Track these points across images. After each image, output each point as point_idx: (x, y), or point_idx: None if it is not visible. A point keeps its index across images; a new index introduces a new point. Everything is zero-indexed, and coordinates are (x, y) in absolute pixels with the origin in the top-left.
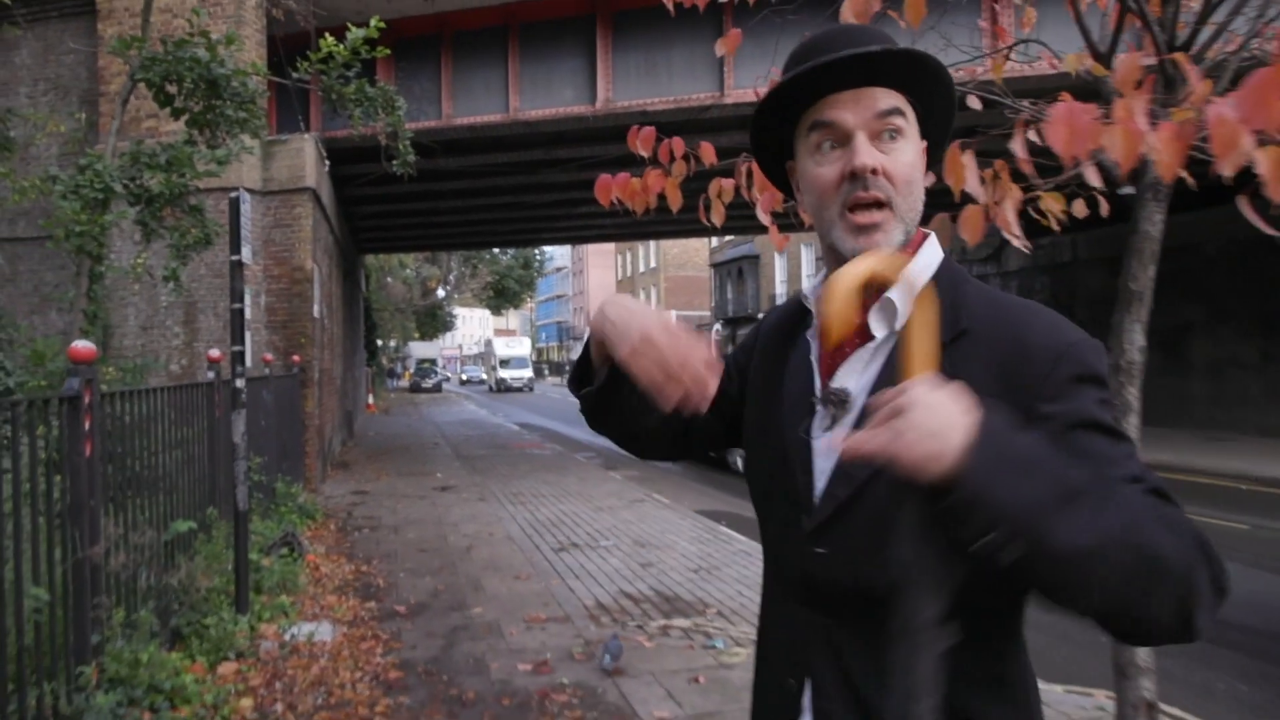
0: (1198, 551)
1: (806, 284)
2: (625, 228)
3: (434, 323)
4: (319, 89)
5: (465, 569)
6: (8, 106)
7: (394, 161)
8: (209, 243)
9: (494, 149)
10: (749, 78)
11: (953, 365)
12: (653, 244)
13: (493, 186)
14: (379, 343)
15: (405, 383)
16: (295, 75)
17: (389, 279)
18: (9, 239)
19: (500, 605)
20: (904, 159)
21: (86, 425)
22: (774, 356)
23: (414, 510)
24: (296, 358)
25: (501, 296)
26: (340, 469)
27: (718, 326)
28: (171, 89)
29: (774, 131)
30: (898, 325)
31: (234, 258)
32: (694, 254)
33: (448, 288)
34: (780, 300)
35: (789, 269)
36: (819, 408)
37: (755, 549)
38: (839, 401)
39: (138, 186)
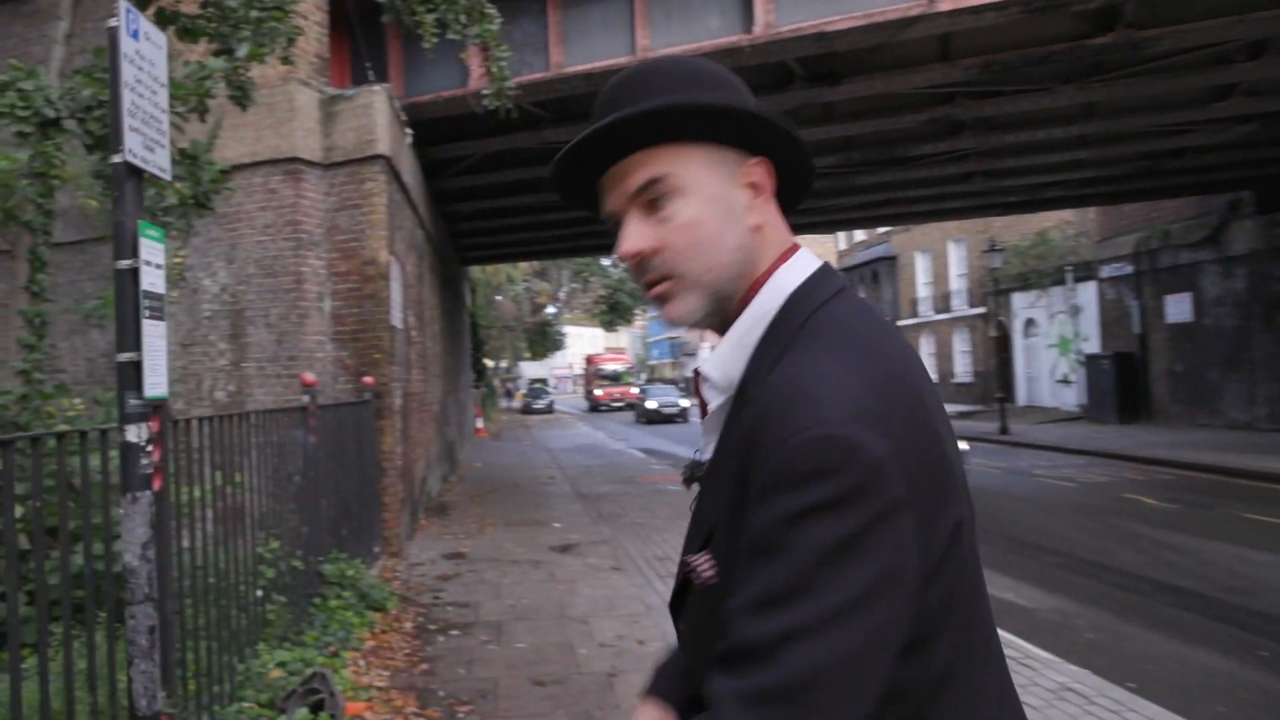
0: None
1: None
2: None
3: (545, 341)
4: None
5: None
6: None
7: (485, 97)
8: (202, 205)
9: None
10: None
11: (726, 440)
12: None
13: None
14: (487, 363)
15: (518, 404)
16: None
17: (498, 296)
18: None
19: None
20: (680, 220)
21: None
22: None
23: (525, 589)
24: (369, 379)
25: (614, 311)
26: (435, 516)
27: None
28: None
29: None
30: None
31: (117, 159)
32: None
33: (558, 304)
34: (924, 303)
35: (934, 269)
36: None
37: (1017, 650)
38: (692, 477)
39: (94, 119)
